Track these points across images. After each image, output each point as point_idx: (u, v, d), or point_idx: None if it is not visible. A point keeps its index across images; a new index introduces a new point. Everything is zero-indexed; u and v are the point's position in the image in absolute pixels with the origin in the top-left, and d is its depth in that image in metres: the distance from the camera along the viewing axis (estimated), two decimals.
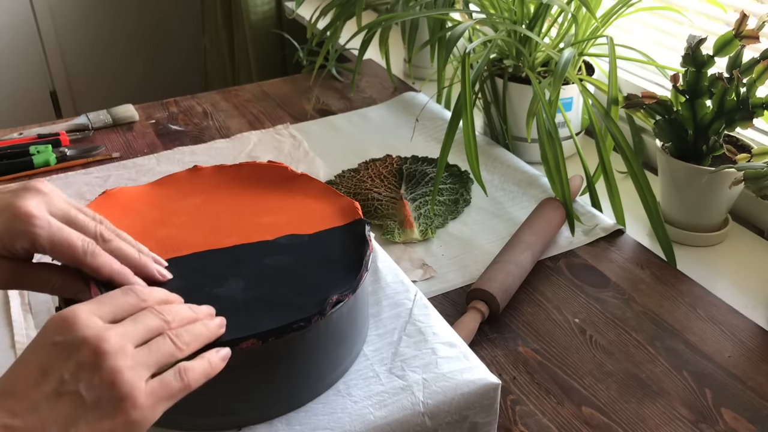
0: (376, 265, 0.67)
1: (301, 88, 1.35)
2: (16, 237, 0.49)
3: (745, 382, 0.70)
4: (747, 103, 0.82)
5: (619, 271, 0.85)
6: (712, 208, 0.88)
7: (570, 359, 0.73)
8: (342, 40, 1.36)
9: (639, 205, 0.88)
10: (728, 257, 0.88)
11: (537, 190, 0.98)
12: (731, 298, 0.81)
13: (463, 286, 0.83)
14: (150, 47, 2.53)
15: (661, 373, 0.71)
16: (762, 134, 0.96)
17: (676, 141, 0.88)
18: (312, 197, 0.66)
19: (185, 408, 0.53)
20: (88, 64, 2.46)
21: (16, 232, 0.49)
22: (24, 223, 0.49)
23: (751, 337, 0.75)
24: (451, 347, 0.60)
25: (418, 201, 0.95)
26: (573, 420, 0.67)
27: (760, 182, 0.72)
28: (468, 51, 0.91)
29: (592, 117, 0.92)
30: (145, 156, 1.11)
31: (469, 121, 0.90)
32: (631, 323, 0.78)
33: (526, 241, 0.84)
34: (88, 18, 2.41)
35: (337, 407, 0.55)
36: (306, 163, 1.08)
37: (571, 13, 0.98)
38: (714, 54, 0.84)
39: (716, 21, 1.05)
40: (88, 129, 1.19)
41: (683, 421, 0.66)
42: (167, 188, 0.67)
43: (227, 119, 1.23)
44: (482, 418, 0.58)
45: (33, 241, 0.50)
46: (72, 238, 0.50)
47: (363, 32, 1.12)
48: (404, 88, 1.32)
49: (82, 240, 0.51)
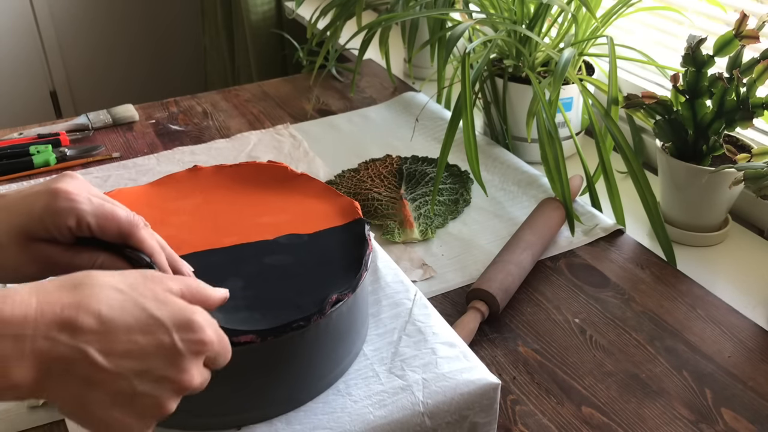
0: (376, 265, 0.67)
1: (301, 88, 1.35)
2: (60, 215, 0.49)
3: (746, 382, 0.70)
4: (747, 103, 0.82)
5: (619, 271, 0.85)
6: (712, 208, 0.88)
7: (570, 359, 0.73)
8: (342, 40, 1.36)
9: (639, 205, 0.88)
10: (728, 257, 0.88)
11: (537, 190, 0.98)
12: (731, 298, 0.81)
13: (463, 286, 0.83)
14: (150, 47, 2.53)
15: (661, 373, 0.71)
16: (762, 134, 0.96)
17: (676, 141, 0.88)
18: (312, 197, 0.66)
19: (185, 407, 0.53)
20: (88, 64, 2.46)
21: (60, 211, 0.49)
22: (67, 200, 0.49)
23: (751, 337, 0.75)
24: (450, 347, 0.60)
25: (418, 201, 0.95)
26: (573, 420, 0.67)
27: (760, 182, 0.72)
28: (468, 51, 0.91)
29: (592, 117, 0.92)
30: (145, 156, 1.11)
31: (469, 121, 0.90)
32: (631, 323, 0.78)
33: (526, 241, 0.84)
34: (88, 18, 2.41)
35: (337, 407, 0.55)
36: (306, 163, 1.08)
37: (571, 13, 0.98)
38: (714, 54, 0.84)
39: (716, 21, 1.05)
40: (88, 129, 1.19)
41: (683, 421, 0.66)
42: (167, 188, 0.67)
43: (227, 119, 1.23)
44: (482, 418, 0.58)
45: (78, 217, 0.49)
46: (116, 211, 0.50)
47: (363, 32, 1.12)
48: (404, 88, 1.32)
49: (126, 212, 0.51)
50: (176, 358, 0.42)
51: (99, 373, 0.40)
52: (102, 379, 0.41)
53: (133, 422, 0.42)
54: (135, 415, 0.42)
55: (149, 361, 0.41)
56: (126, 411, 0.42)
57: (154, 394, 0.42)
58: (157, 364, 0.42)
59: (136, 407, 0.42)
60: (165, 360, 0.42)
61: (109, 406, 0.41)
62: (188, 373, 0.43)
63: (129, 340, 0.41)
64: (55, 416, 0.68)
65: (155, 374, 0.42)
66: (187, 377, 0.43)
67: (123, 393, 0.41)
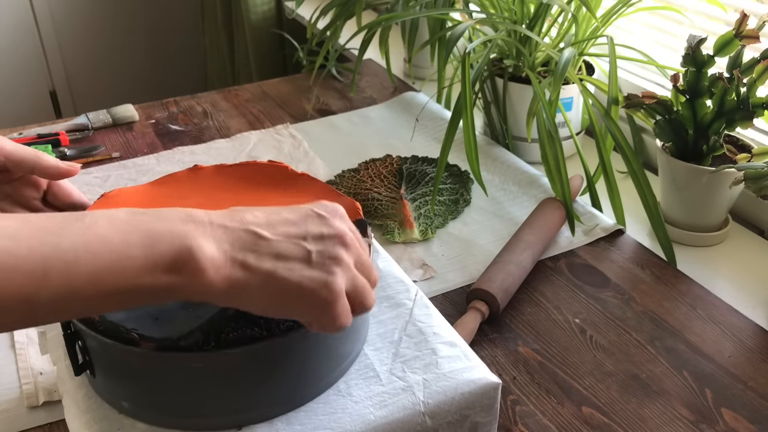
0: (377, 265, 0.67)
1: (301, 88, 1.35)
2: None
3: (746, 382, 0.70)
4: (747, 103, 0.82)
5: (620, 271, 0.85)
6: (712, 208, 0.88)
7: (570, 359, 0.73)
8: (342, 40, 1.36)
9: (639, 205, 0.88)
10: (728, 257, 0.88)
11: (537, 190, 0.98)
12: (731, 298, 0.81)
13: (463, 286, 0.83)
14: (150, 47, 2.53)
15: (661, 373, 0.71)
16: (762, 134, 0.96)
17: (676, 141, 0.88)
18: (312, 197, 0.66)
19: (186, 407, 0.53)
20: (88, 64, 2.45)
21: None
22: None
23: (752, 337, 0.75)
24: (451, 347, 0.59)
25: (418, 201, 0.95)
26: (573, 420, 0.67)
27: (760, 182, 0.72)
28: (468, 51, 0.91)
29: (593, 117, 0.92)
30: (144, 156, 1.11)
31: (469, 121, 0.90)
32: (632, 323, 0.78)
33: (526, 241, 0.84)
34: (88, 18, 2.41)
35: (338, 407, 0.55)
36: (306, 163, 1.08)
37: (571, 12, 0.98)
38: (714, 54, 0.84)
39: (716, 21, 1.05)
40: (88, 129, 1.19)
41: (683, 421, 0.66)
42: (167, 188, 0.67)
43: (227, 119, 1.23)
44: (483, 417, 0.58)
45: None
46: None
47: (363, 32, 1.12)
48: (404, 88, 1.32)
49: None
50: (323, 219, 0.49)
51: (273, 245, 0.46)
52: (280, 250, 0.46)
53: (323, 277, 0.46)
54: (322, 271, 0.47)
55: (305, 225, 0.48)
56: (313, 270, 0.46)
57: (323, 249, 0.47)
58: (312, 226, 0.48)
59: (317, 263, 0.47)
60: (316, 222, 0.48)
61: (299, 270, 0.46)
62: (339, 228, 0.48)
63: (282, 217, 0.48)
64: (55, 416, 0.68)
65: (315, 233, 0.48)
66: (338, 230, 0.48)
67: (301, 255, 0.46)
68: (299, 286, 0.46)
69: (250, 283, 0.45)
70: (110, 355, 0.53)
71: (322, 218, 0.49)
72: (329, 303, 0.47)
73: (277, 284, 0.45)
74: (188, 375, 0.51)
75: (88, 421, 0.54)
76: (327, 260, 0.47)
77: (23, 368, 0.72)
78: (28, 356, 0.73)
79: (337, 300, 0.47)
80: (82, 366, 0.55)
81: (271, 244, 0.46)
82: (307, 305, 0.47)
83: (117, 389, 0.54)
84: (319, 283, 0.46)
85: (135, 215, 0.44)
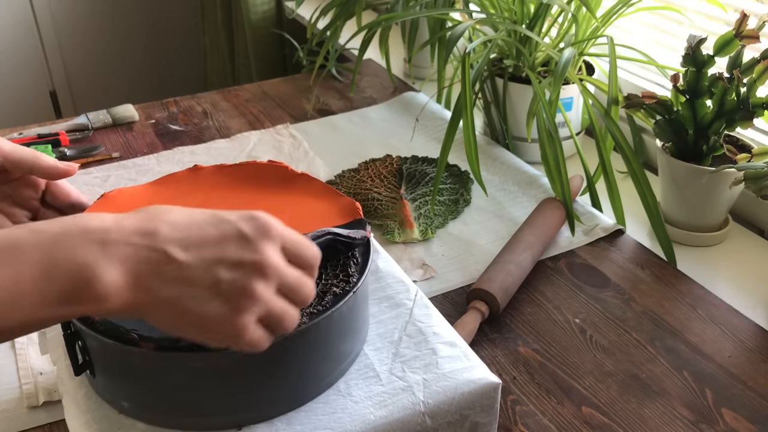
0: (377, 265, 0.67)
1: (301, 88, 1.34)
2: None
3: (746, 382, 0.70)
4: (747, 103, 0.81)
5: (620, 271, 0.85)
6: (713, 208, 0.88)
7: (570, 359, 0.73)
8: (342, 40, 1.36)
9: (639, 205, 0.88)
10: (728, 257, 0.88)
11: (537, 190, 0.98)
12: (731, 298, 0.81)
13: (463, 286, 0.83)
14: (150, 47, 2.52)
15: (661, 373, 0.71)
16: (762, 134, 0.96)
17: (676, 141, 0.88)
18: (312, 197, 0.66)
19: (186, 407, 0.53)
20: (88, 64, 2.45)
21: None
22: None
23: (752, 337, 0.75)
24: (451, 347, 0.59)
25: (418, 201, 0.95)
26: (573, 420, 0.67)
27: (760, 182, 0.72)
28: (468, 51, 0.91)
29: (592, 117, 0.92)
30: (144, 156, 1.11)
31: (469, 121, 0.90)
32: (632, 323, 0.78)
33: (526, 241, 0.84)
34: (88, 18, 2.41)
35: (338, 407, 0.55)
36: (306, 163, 1.08)
37: (571, 12, 0.98)
38: (714, 54, 0.84)
39: (716, 21, 1.05)
40: (87, 129, 1.19)
41: (683, 421, 0.66)
42: (167, 188, 0.67)
43: (227, 119, 1.23)
44: (483, 417, 0.58)
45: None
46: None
47: (363, 32, 1.12)
48: (404, 88, 1.32)
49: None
50: (247, 242, 0.45)
51: (183, 269, 0.43)
52: (188, 276, 0.43)
53: (228, 313, 0.44)
54: (229, 305, 0.44)
55: (223, 247, 0.45)
56: (219, 302, 0.44)
57: (237, 278, 0.44)
58: (231, 249, 0.45)
59: (226, 295, 0.44)
60: (237, 244, 0.45)
61: (204, 300, 0.44)
62: (262, 253, 0.45)
63: (201, 234, 0.45)
64: (55, 416, 0.67)
65: (232, 259, 0.44)
66: (260, 257, 0.45)
67: (209, 284, 0.44)
68: (201, 316, 0.44)
69: (151, 307, 0.44)
70: (110, 355, 0.53)
71: (245, 240, 0.45)
72: (233, 336, 0.45)
73: (178, 311, 0.44)
74: (188, 375, 0.51)
75: (88, 421, 0.54)
76: (237, 292, 0.44)
77: (23, 368, 0.72)
78: (28, 356, 0.73)
79: (241, 334, 0.45)
80: (82, 366, 0.55)
81: (180, 268, 0.43)
82: (210, 335, 0.45)
83: (117, 389, 0.54)
84: (222, 318, 0.44)
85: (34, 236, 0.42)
